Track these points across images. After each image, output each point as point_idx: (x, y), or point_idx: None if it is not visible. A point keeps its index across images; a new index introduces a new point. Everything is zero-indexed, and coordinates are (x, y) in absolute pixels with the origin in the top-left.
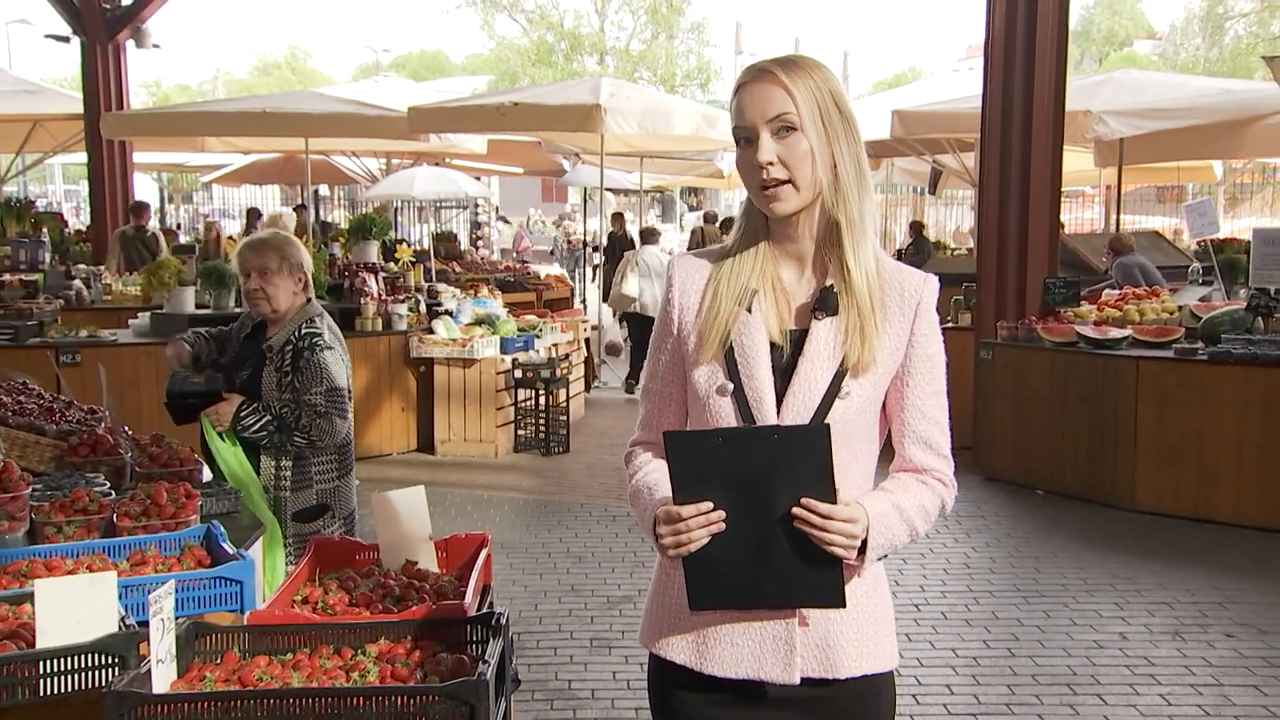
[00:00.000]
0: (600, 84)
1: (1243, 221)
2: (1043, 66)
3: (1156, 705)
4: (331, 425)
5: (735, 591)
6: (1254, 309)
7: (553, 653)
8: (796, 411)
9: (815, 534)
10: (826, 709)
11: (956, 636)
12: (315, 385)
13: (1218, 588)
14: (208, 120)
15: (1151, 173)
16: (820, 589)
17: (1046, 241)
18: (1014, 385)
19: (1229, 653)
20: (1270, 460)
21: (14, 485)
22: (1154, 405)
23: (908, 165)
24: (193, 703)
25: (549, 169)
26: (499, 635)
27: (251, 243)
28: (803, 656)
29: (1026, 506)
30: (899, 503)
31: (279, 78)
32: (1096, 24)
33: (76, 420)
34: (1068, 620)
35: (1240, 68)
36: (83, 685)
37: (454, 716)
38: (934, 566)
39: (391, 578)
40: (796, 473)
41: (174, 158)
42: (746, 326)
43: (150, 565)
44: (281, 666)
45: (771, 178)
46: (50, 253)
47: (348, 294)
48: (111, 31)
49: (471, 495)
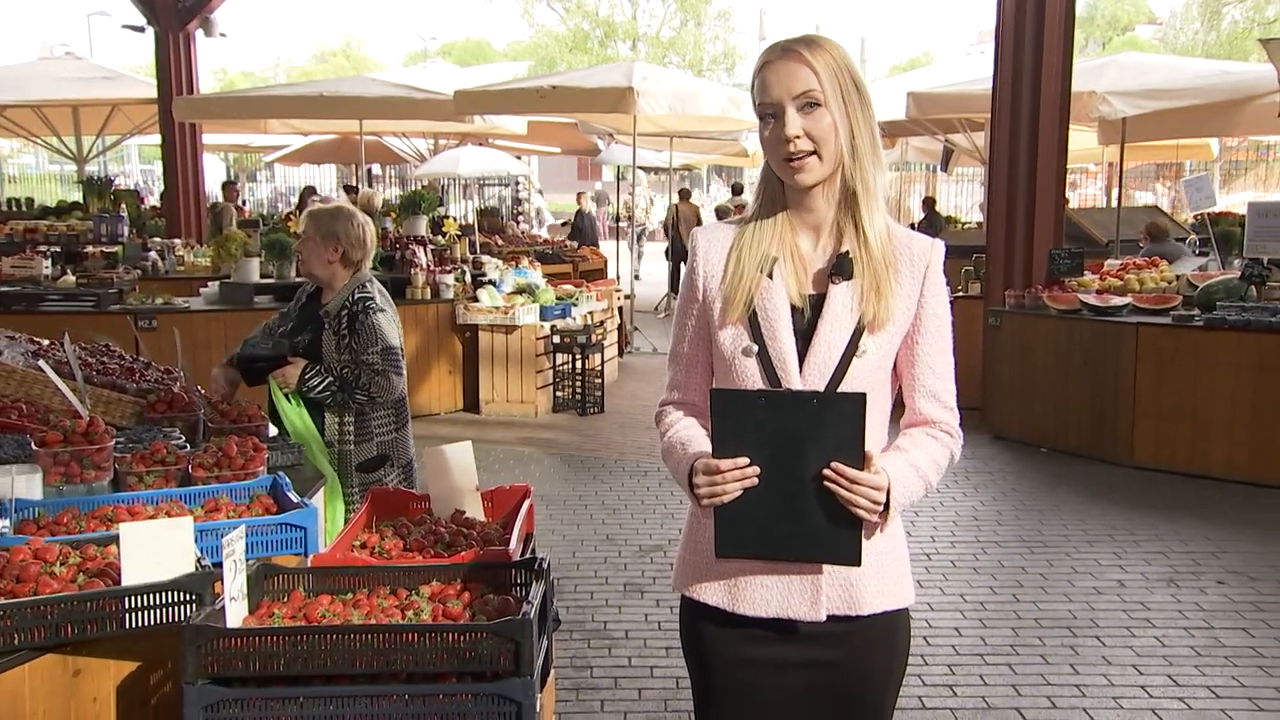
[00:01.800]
0: (633, 68)
1: (1237, 196)
2: (1050, 50)
3: (1151, 647)
4: (388, 382)
5: (759, 543)
6: (1247, 278)
7: (589, 596)
8: (817, 370)
9: (842, 494)
10: (850, 642)
11: (965, 583)
12: (371, 345)
13: (1210, 538)
14: (270, 104)
15: (1152, 150)
16: (840, 548)
17: (1052, 215)
18: (1020, 350)
19: (1220, 599)
20: (1261, 419)
21: (100, 438)
22: (1152, 368)
23: (921, 144)
24: (263, 637)
25: (585, 148)
26: (541, 579)
27: (307, 212)
28: (828, 596)
29: (1031, 463)
30: (914, 461)
31: (335, 64)
32: (1101, 9)
33: (154, 380)
34: (1069, 568)
35: (1237, 51)
36: (164, 620)
37: (500, 652)
38: (944, 519)
39: (442, 525)
40: (829, 436)
41: (239, 139)
42: (769, 291)
43: (223, 512)
44: (343, 605)
45: (799, 150)
46: (129, 227)
47: (399, 265)
48: (182, 22)
49: (514, 451)
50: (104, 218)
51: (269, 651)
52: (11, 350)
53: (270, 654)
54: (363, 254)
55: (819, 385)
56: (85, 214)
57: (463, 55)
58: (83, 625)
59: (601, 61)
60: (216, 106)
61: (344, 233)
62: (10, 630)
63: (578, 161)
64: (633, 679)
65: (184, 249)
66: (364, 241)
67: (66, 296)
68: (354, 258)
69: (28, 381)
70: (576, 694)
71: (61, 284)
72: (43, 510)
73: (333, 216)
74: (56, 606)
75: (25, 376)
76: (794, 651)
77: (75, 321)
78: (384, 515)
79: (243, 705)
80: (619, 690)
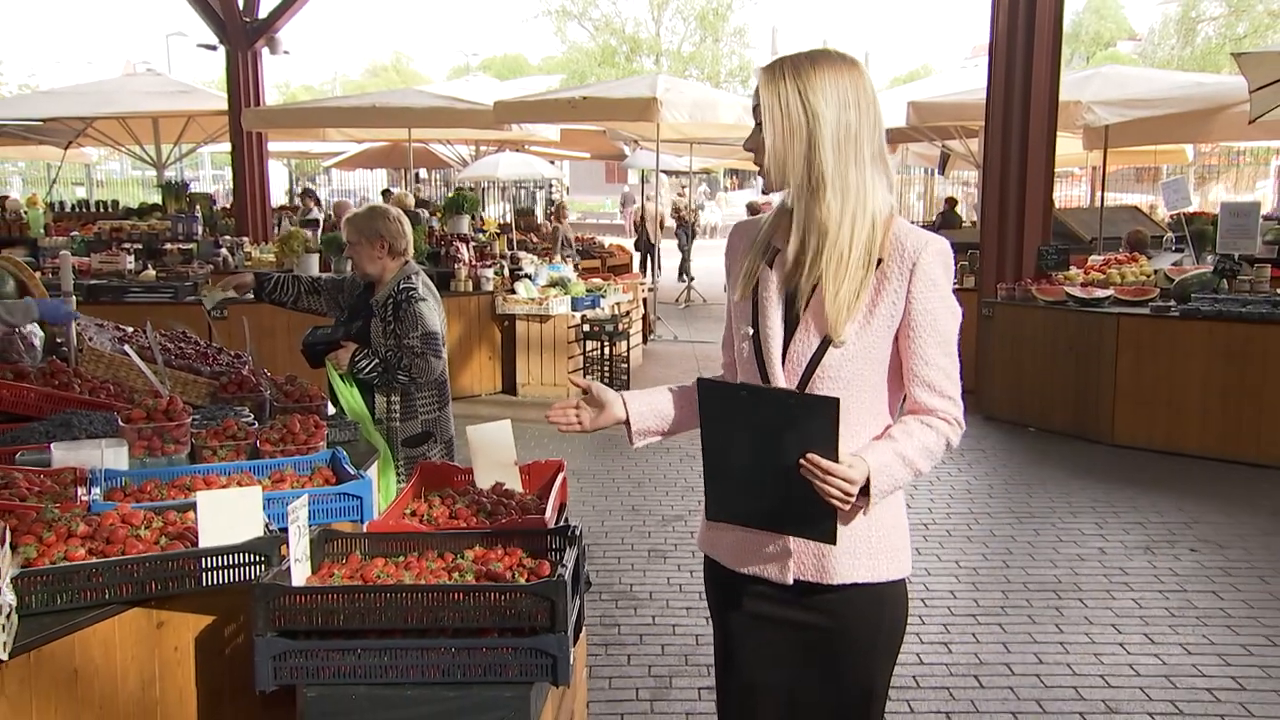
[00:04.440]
0: (656, 80)
1: (1211, 197)
2: (1040, 63)
3: (1129, 608)
4: (427, 364)
5: (745, 514)
6: (1220, 272)
7: (616, 561)
8: (797, 357)
9: (816, 484)
10: (830, 609)
11: (959, 550)
12: (412, 331)
13: (1183, 510)
14: (328, 114)
15: (1132, 155)
16: (815, 526)
17: (1041, 215)
18: (1011, 338)
19: (1192, 564)
20: (1230, 402)
21: (178, 415)
22: (1131, 355)
23: (920, 149)
24: (324, 594)
25: (612, 154)
26: (574, 544)
27: (345, 220)
28: (797, 563)
29: (1020, 442)
30: (901, 450)
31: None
32: (1085, 27)
33: (225, 364)
34: (1054, 537)
35: (1210, 64)
36: (236, 579)
37: (537, 610)
38: (940, 492)
39: (484, 496)
40: (806, 431)
41: (300, 146)
42: (765, 281)
43: (287, 482)
44: (395, 567)
45: (756, 161)
46: (202, 226)
47: (444, 260)
48: (250, 41)
49: (548, 429)
50: (180, 218)
51: (329, 608)
52: (100, 337)
53: (331, 610)
54: (406, 243)
55: (798, 370)
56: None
57: (501, 69)
58: (165, 582)
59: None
60: (280, 117)
61: (384, 229)
62: (102, 586)
63: (605, 166)
64: (656, 636)
65: (251, 246)
66: (404, 232)
67: (147, 289)
68: (399, 248)
69: (115, 365)
70: (605, 649)
71: (143, 278)
72: (129, 479)
73: (370, 217)
74: (142, 565)
75: (113, 360)
76: (780, 610)
77: (155, 311)
78: (431, 486)
79: (306, 655)
80: (643, 646)
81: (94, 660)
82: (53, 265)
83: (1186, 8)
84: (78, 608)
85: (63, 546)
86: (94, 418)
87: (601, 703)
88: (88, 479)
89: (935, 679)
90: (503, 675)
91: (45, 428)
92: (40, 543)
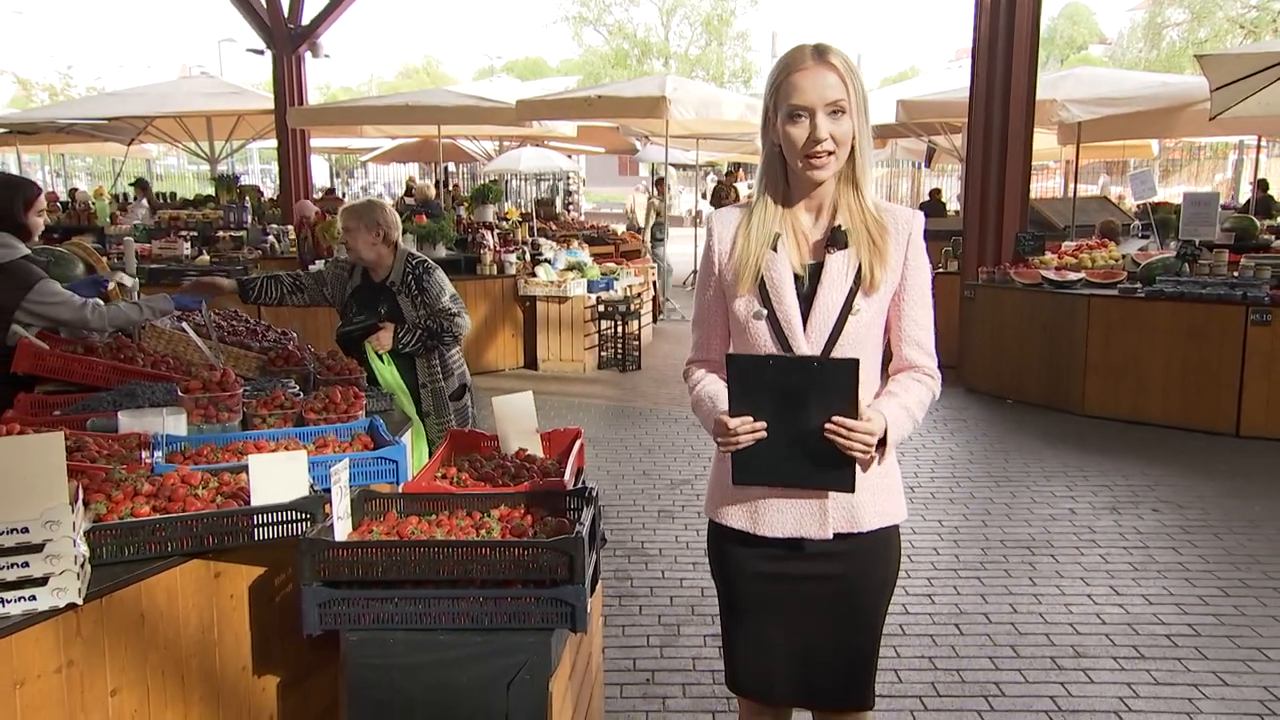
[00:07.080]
0: (665, 80)
1: (1174, 189)
2: (1018, 64)
3: (1096, 563)
4: (463, 319)
5: (769, 475)
6: (1182, 256)
7: (629, 521)
8: (819, 329)
9: (841, 443)
10: (850, 558)
11: (942, 511)
12: (441, 295)
13: (1147, 474)
14: (364, 113)
15: (1102, 150)
16: (837, 479)
17: (1019, 204)
18: (991, 317)
19: (1154, 523)
20: (1191, 376)
21: (231, 386)
22: (1101, 332)
23: (908, 144)
24: (364, 548)
25: (624, 148)
26: (590, 504)
27: (343, 209)
28: (834, 517)
29: (999, 412)
30: (905, 403)
31: (417, 80)
32: (1059, 31)
33: (273, 340)
34: (1029, 499)
35: (1174, 66)
36: (284, 534)
37: (558, 564)
38: (925, 458)
39: (508, 460)
40: (829, 393)
41: (340, 142)
42: (774, 263)
43: (330, 447)
44: (428, 524)
45: (823, 149)
46: (251, 216)
47: (470, 246)
48: (294, 46)
49: (566, 401)
50: (231, 208)
51: (369, 560)
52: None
53: (370, 562)
54: (398, 233)
55: (820, 342)
56: (217, 205)
57: (523, 71)
58: (221, 537)
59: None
60: (321, 115)
61: (381, 219)
62: (165, 539)
63: (618, 160)
64: (665, 589)
65: (296, 233)
66: (398, 224)
67: (202, 272)
68: (393, 238)
69: (174, 341)
70: (619, 600)
71: (198, 262)
72: (187, 444)
73: (368, 209)
74: (200, 521)
75: (172, 337)
76: (803, 566)
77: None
78: (460, 451)
79: (348, 604)
80: (654, 597)
81: (159, 606)
82: (118, 251)
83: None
84: (143, 559)
85: (129, 504)
86: (156, 388)
87: (616, 648)
88: (151, 443)
89: (919, 627)
90: (526, 622)
91: (113, 397)
92: (109, 500)
